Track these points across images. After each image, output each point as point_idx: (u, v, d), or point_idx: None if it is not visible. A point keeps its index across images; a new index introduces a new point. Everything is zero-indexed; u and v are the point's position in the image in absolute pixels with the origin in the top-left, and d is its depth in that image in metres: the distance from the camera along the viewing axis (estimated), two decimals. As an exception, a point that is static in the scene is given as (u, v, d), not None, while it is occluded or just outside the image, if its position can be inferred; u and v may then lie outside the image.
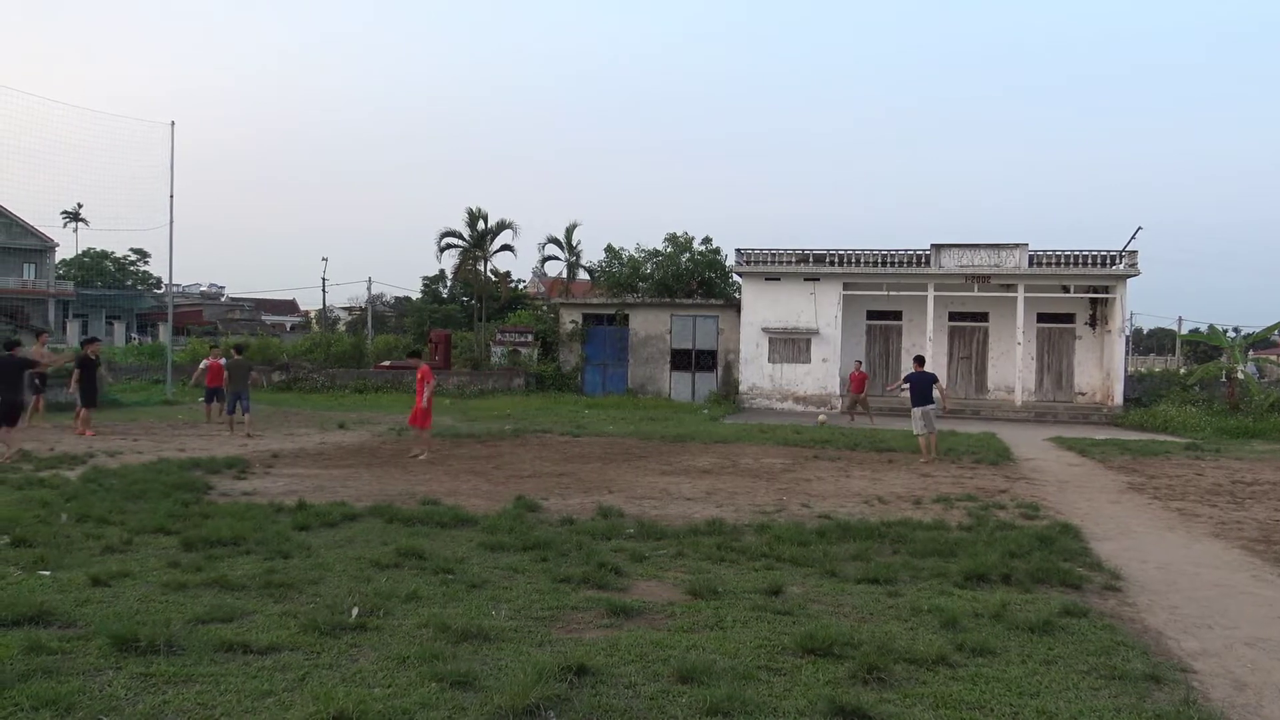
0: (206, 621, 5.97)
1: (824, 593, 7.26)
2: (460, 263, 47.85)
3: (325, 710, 4.42)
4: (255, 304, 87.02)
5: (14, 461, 13.76)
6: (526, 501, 11.04)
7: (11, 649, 5.29)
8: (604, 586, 7.21)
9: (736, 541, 9.02)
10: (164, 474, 12.49)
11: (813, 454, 17.76)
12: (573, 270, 51.88)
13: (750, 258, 34.46)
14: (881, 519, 10.44)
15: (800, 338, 33.81)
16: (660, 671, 5.28)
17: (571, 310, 37.87)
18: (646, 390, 35.37)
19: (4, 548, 7.98)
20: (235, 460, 14.31)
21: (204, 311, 76.74)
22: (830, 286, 33.74)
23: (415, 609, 6.42)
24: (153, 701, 4.68)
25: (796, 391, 33.58)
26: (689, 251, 39.94)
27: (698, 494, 12.48)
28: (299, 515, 9.71)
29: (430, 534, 9.10)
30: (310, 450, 16.72)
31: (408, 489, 12.17)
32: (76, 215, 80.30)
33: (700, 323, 36.07)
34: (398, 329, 59.55)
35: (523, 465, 15.18)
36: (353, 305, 79.84)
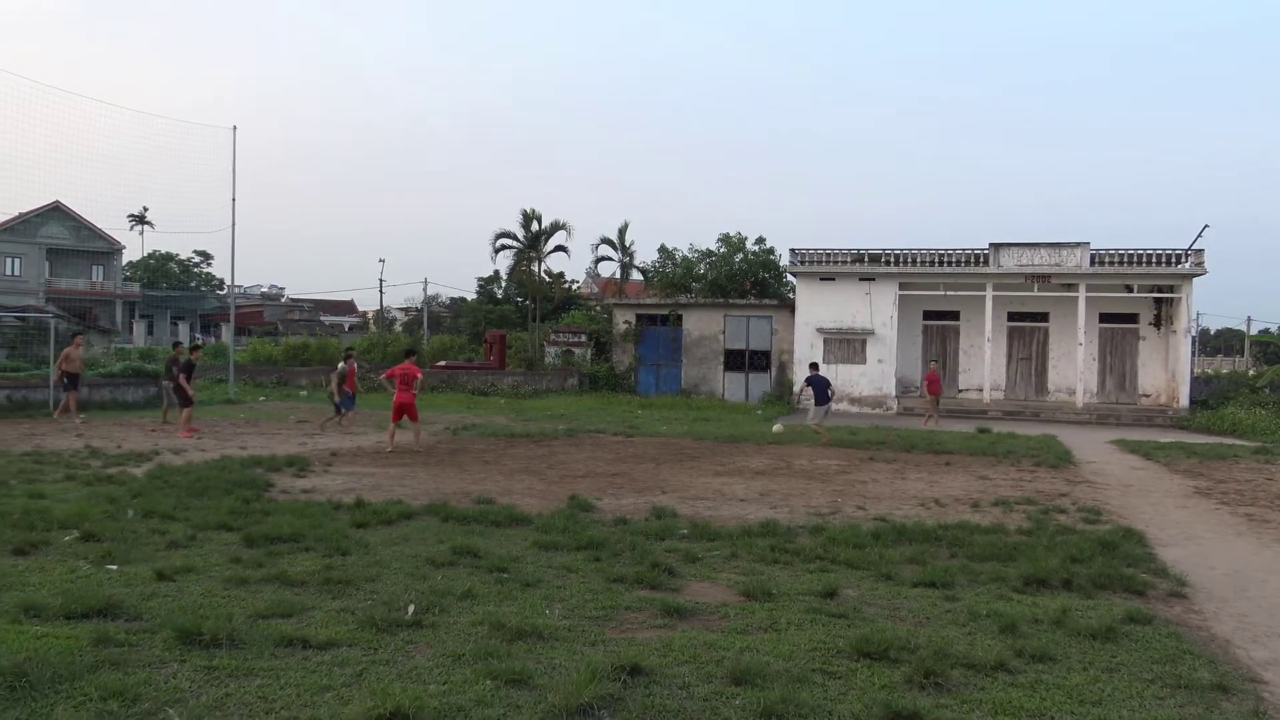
0: (267, 616, 6.08)
1: (879, 596, 7.19)
2: (515, 263, 48.26)
3: (382, 706, 4.47)
4: (314, 304, 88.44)
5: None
6: (580, 501, 11.08)
7: (81, 641, 5.44)
8: (657, 587, 7.21)
9: (790, 543, 8.97)
10: (226, 471, 12.75)
11: (868, 456, 17.59)
12: (626, 271, 52.04)
13: (805, 257, 34.23)
14: (938, 522, 10.31)
15: (855, 338, 33.51)
16: (714, 673, 5.26)
17: (625, 310, 37.92)
18: (700, 391, 35.31)
19: (73, 542, 8.21)
20: (295, 458, 14.55)
21: (265, 312, 78.17)
22: (886, 286, 33.38)
23: (470, 607, 6.48)
24: (216, 694, 4.78)
25: (852, 393, 33.27)
26: (742, 251, 39.78)
27: (751, 495, 12.42)
28: (357, 513, 9.85)
29: (485, 533, 9.18)
30: (367, 449, 16.95)
31: (463, 488, 12.28)
32: (142, 218, 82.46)
33: (754, 323, 35.90)
34: (453, 329, 60.18)
35: (576, 465, 15.23)
36: (409, 306, 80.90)
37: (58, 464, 13.57)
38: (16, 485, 11.36)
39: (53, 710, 4.46)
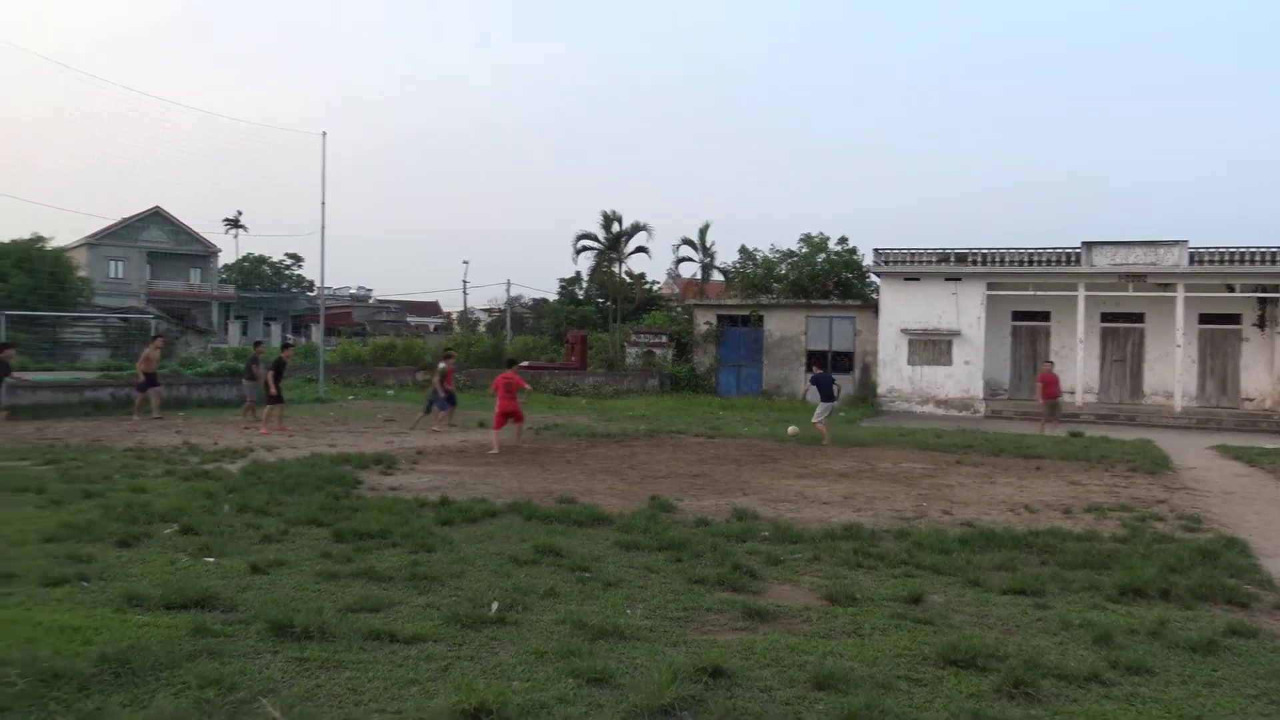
0: (356, 610, 6.22)
1: (967, 602, 7.04)
2: (596, 264, 48.59)
3: (467, 701, 4.53)
4: (401, 306, 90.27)
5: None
6: (661, 501, 11.09)
7: (180, 630, 5.64)
8: (739, 589, 7.18)
9: (874, 547, 8.84)
10: (317, 468, 13.08)
11: (955, 459, 17.25)
12: (707, 271, 51.95)
13: (889, 257, 33.72)
14: (1028, 528, 10.05)
15: (941, 339, 32.89)
16: (796, 677, 5.22)
17: (706, 311, 37.85)
18: (781, 392, 35.04)
19: (173, 535, 8.51)
20: (382, 456, 14.86)
21: (353, 313, 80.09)
22: (973, 286, 32.68)
23: (553, 605, 6.53)
24: (307, 685, 4.90)
25: (937, 395, 32.66)
26: (824, 251, 39.36)
27: (834, 498, 12.28)
28: (442, 510, 10.02)
29: (567, 532, 9.25)
30: (452, 447, 17.22)
31: (545, 487, 12.40)
32: (237, 222, 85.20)
33: (836, 324, 35.50)
34: (535, 330, 60.82)
35: (657, 466, 15.25)
36: (492, 306, 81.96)
37: (158, 459, 14.09)
38: (120, 480, 11.83)
39: (154, 697, 4.62)
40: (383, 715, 4.56)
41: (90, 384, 25.00)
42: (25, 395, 22.38)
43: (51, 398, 23.06)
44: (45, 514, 9.43)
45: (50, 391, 23.33)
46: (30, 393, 22.65)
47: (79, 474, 12.29)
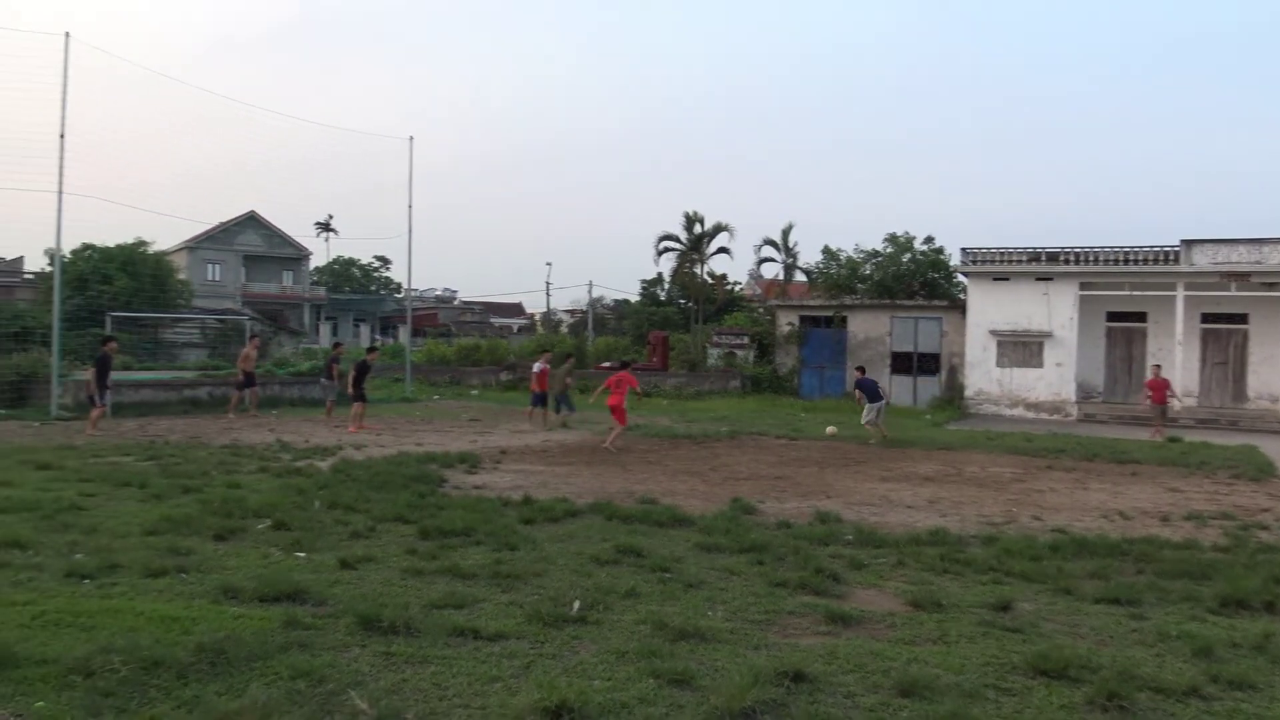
0: (440, 607, 6.33)
1: (1058, 611, 6.86)
2: (677, 266, 48.62)
3: (548, 699, 4.57)
4: (485, 307, 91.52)
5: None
6: (743, 503, 11.04)
7: (272, 622, 5.80)
8: (821, 593, 7.11)
9: (961, 553, 8.66)
10: (403, 467, 13.34)
11: (1046, 464, 16.80)
12: (789, 272, 51.55)
13: (977, 257, 32.99)
14: (1123, 535, 9.74)
15: (1031, 341, 32.05)
16: (880, 683, 5.14)
17: (788, 312, 37.54)
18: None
19: (266, 530, 8.77)
20: (467, 455, 15.09)
21: (439, 314, 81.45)
22: (1065, 286, 31.77)
23: (634, 605, 6.55)
24: (393, 679, 5.00)
25: (1027, 398, 31.83)
26: (910, 251, 38.70)
27: (920, 502, 12.07)
28: (524, 509, 10.13)
29: (648, 532, 9.27)
30: (535, 447, 17.39)
31: (626, 487, 12.44)
32: (328, 225, 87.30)
33: (922, 325, 34.86)
34: (617, 331, 61.05)
35: (739, 467, 15.18)
36: (575, 308, 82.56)
37: (252, 457, 14.54)
38: (217, 476, 12.24)
39: (248, 686, 4.76)
40: (466, 711, 4.63)
41: (189, 383, 25.91)
42: (128, 393, 23.31)
43: (153, 396, 23.98)
44: (147, 508, 9.81)
45: (151, 390, 24.25)
46: (133, 391, 23.58)
47: (178, 470, 12.75)
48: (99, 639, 5.30)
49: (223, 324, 40.80)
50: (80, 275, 37.08)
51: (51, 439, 16.66)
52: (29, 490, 10.60)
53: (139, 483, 11.29)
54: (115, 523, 8.94)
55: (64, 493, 10.49)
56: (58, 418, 20.76)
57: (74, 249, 39.84)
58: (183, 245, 64.42)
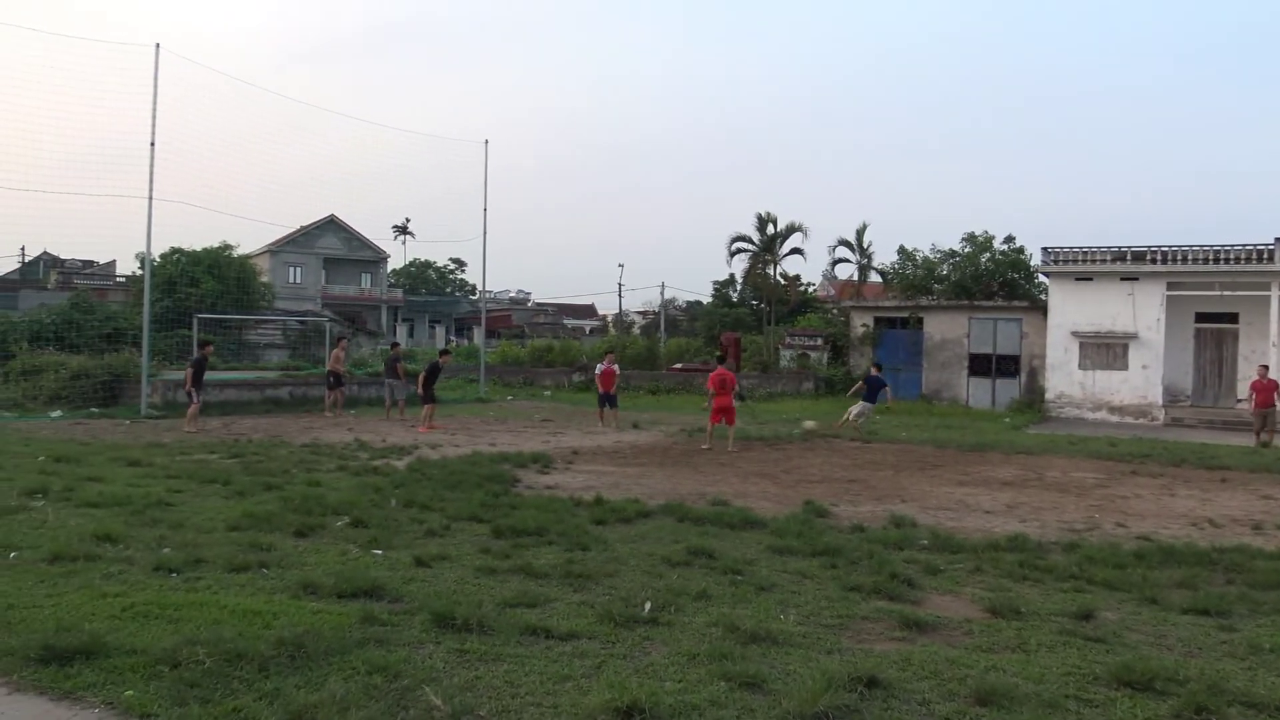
0: (513, 605, 6.38)
1: (1143, 621, 6.65)
2: (750, 267, 48.33)
3: (619, 699, 4.58)
4: (558, 308, 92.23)
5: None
6: (815, 506, 10.93)
7: (350, 618, 5.92)
8: (896, 598, 7.00)
9: (1041, 560, 8.46)
10: (477, 466, 13.50)
11: (1130, 469, 16.32)
12: (864, 272, 50.94)
13: (1059, 256, 32.19)
14: (1212, 544, 9.40)
15: (1115, 342, 31.17)
16: (956, 691, 5.04)
17: (862, 313, 37.10)
18: (941, 396, 33.98)
19: (344, 527, 8.95)
20: (539, 455, 15.21)
21: (513, 316, 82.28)
22: (1151, 286, 30.83)
23: (705, 607, 6.53)
24: (467, 676, 5.05)
25: (1111, 401, 30.96)
26: (989, 251, 37.92)
27: (998, 507, 11.82)
28: (596, 510, 10.17)
29: (720, 534, 9.23)
30: (606, 448, 17.46)
31: (698, 489, 12.41)
32: (404, 228, 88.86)
33: (1001, 326, 34.14)
34: (689, 332, 60.97)
35: (812, 470, 15.05)
36: (647, 309, 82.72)
37: (331, 455, 14.86)
38: (298, 474, 12.53)
39: (326, 680, 4.86)
40: (538, 709, 4.66)
41: (271, 383, 26.61)
42: (213, 393, 24.01)
43: (237, 395, 24.67)
44: (231, 504, 10.08)
45: (235, 389, 24.96)
46: (218, 390, 24.29)
47: (260, 467, 13.09)
48: (185, 631, 5.46)
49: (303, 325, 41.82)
50: (169, 278, 38.34)
51: (141, 437, 17.24)
52: (120, 486, 10.98)
53: (223, 480, 11.62)
54: (201, 518, 9.22)
55: (153, 489, 10.84)
56: (147, 416, 21.49)
57: (163, 253, 41.23)
58: (265, 249, 66.13)
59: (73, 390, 23.18)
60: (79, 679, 4.82)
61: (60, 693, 4.71)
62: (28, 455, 13.71)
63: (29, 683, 4.82)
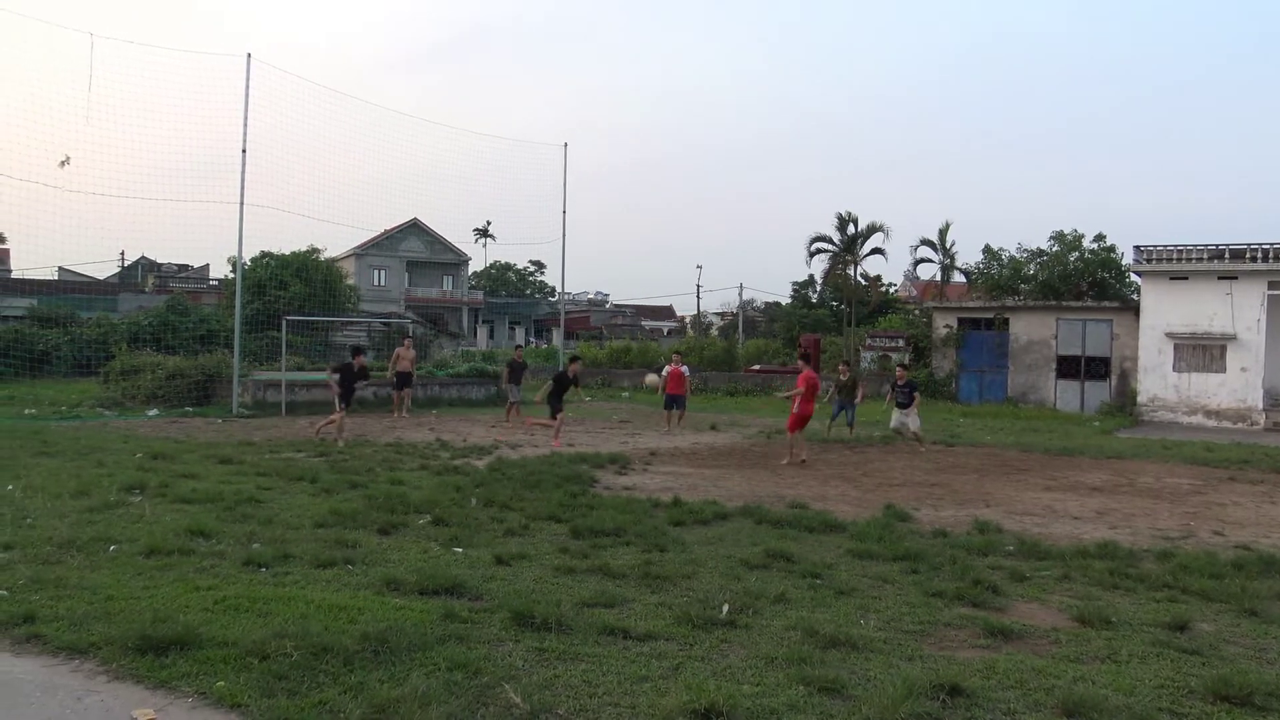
0: (591, 605, 6.41)
1: (1241, 633, 6.40)
2: (829, 267, 47.88)
3: (697, 701, 4.56)
4: (636, 310, 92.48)
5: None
6: (896, 510, 10.76)
7: (431, 615, 6.01)
8: (979, 604, 6.85)
9: (1133, 568, 8.19)
10: (556, 467, 13.60)
11: (1228, 475, 15.73)
12: (947, 272, 50.12)
13: (1152, 255, 31.16)
14: (1317, 554, 9.00)
15: (1213, 344, 30.05)
16: (1043, 701, 4.91)
17: (945, 314, 36.41)
18: (1028, 399, 33.17)
19: (426, 525, 9.10)
20: (617, 456, 15.27)
21: (591, 317, 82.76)
22: (1251, 285, 29.64)
23: (783, 611, 6.47)
24: (545, 674, 5.09)
25: (1208, 405, 29.87)
26: (1078, 250, 36.91)
27: (1087, 513, 11.49)
28: (674, 511, 10.16)
29: (798, 537, 9.15)
30: (684, 450, 17.44)
31: (776, 491, 12.32)
32: (485, 231, 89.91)
33: (1091, 327, 33.18)
34: (768, 334, 60.63)
35: (893, 473, 14.82)
36: (725, 310, 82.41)
37: (413, 454, 15.12)
38: (381, 473, 12.78)
39: (409, 675, 4.95)
40: (616, 709, 4.67)
41: (357, 383, 27.11)
42: (301, 393, 24.64)
43: (323, 395, 25.21)
44: (317, 501, 10.33)
45: (323, 389, 25.53)
46: (305, 390, 24.91)
47: (345, 466, 13.38)
48: (273, 625, 5.61)
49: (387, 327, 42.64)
50: (259, 281, 39.46)
51: (233, 435, 17.77)
52: (212, 483, 11.34)
53: (310, 478, 11.91)
54: (289, 515, 9.46)
55: (243, 486, 11.16)
56: (238, 415, 22.14)
57: (253, 257, 42.48)
58: (351, 252, 67.65)
59: (168, 390, 23.99)
60: (173, 669, 4.99)
61: (155, 681, 4.88)
62: (126, 452, 14.24)
63: (127, 671, 5.00)
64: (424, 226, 72.85)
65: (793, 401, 16.36)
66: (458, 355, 44.22)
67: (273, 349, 30.23)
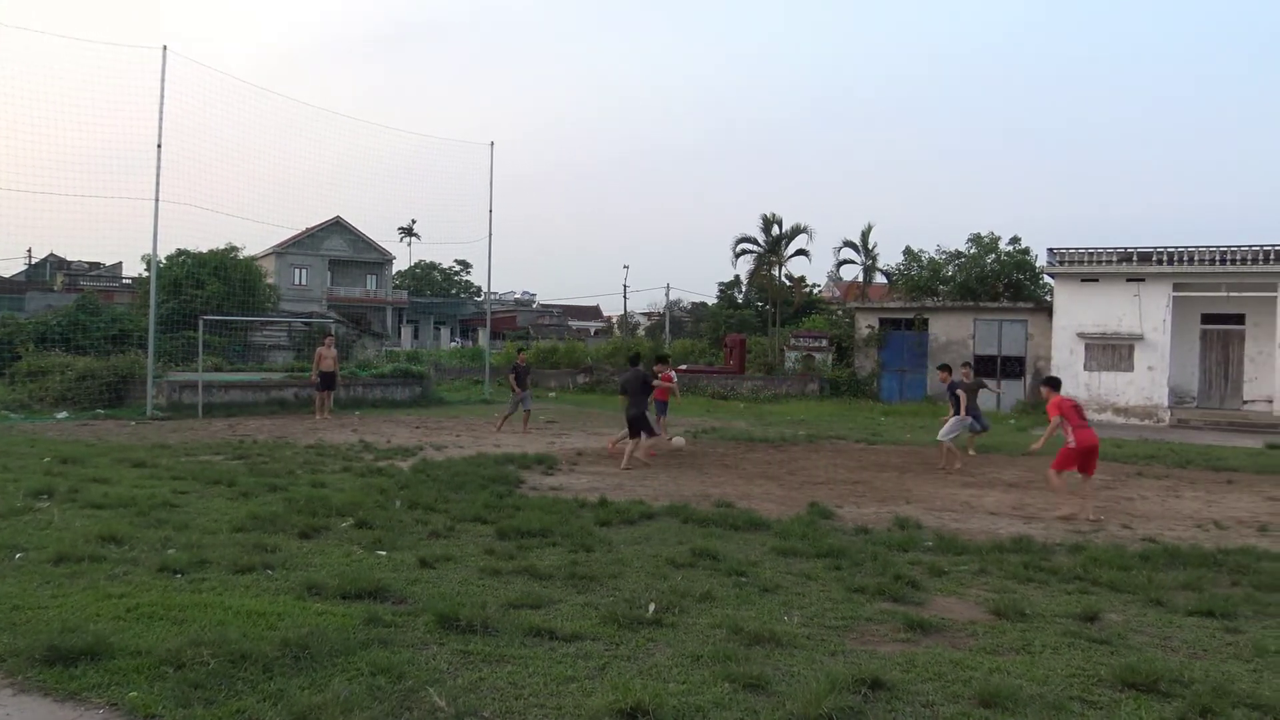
0: (517, 606, 6.38)
1: (1147, 623, 6.63)
2: (755, 268, 48.29)
3: (623, 700, 4.58)
4: (563, 310, 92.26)
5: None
6: (820, 508, 10.92)
7: (354, 619, 5.92)
8: (900, 599, 6.99)
9: (1046, 561, 8.44)
10: (482, 468, 13.50)
11: (1136, 470, 16.29)
12: (869, 274, 50.88)
13: (1064, 257, 32.13)
14: (1218, 546, 9.37)
15: (1121, 344, 31.10)
16: (960, 693, 5.03)
17: (867, 315, 37.05)
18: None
19: (349, 528, 8.96)
20: (544, 457, 15.21)
21: (517, 317, 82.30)
22: (1157, 287, 30.75)
23: (709, 609, 6.53)
24: (470, 677, 5.06)
25: (1116, 403, 30.90)
26: (995, 252, 37.85)
27: (1003, 508, 11.80)
28: (600, 511, 10.16)
29: (724, 536, 9.22)
30: (612, 449, 17.42)
31: (702, 490, 12.41)
32: (410, 230, 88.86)
33: (1006, 327, 34.07)
34: (694, 334, 60.97)
35: (816, 471, 15.03)
36: (651, 311, 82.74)
37: (336, 456, 14.87)
38: (302, 475, 12.54)
39: (330, 681, 4.87)
40: (542, 710, 4.66)
41: (276, 384, 26.61)
42: (218, 394, 24.06)
43: (241, 396, 24.70)
44: (236, 505, 10.10)
45: (240, 391, 24.99)
46: (223, 392, 24.33)
47: (265, 469, 13.11)
48: (189, 632, 5.47)
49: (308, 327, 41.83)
50: (174, 280, 38.37)
51: (147, 438, 17.27)
52: (125, 487, 11.01)
53: (228, 481, 11.64)
54: (205, 519, 9.23)
55: (158, 490, 10.86)
56: (153, 417, 21.52)
57: (169, 255, 41.23)
58: (271, 250, 66.20)
59: (79, 391, 23.22)
60: (84, 680, 4.83)
61: (65, 694, 4.72)
62: (34, 456, 13.74)
63: (34, 684, 4.83)
64: (347, 225, 71.64)
65: (1065, 432, 11.71)
66: (382, 356, 43.58)
67: (189, 349, 29.42)
